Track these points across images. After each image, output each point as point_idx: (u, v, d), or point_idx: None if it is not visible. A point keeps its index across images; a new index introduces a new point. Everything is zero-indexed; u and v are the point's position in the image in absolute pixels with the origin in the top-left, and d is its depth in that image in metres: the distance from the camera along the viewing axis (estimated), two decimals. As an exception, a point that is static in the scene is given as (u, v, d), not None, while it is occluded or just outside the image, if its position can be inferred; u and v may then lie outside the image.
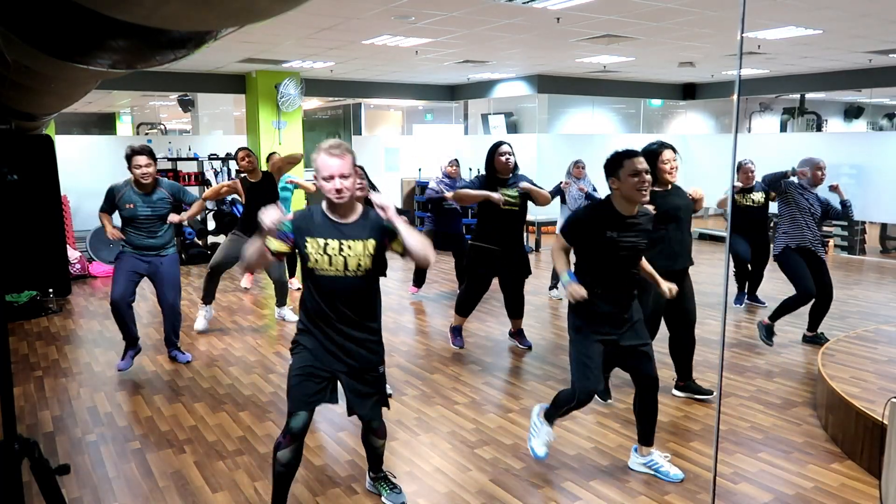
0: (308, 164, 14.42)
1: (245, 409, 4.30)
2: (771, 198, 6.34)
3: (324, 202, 2.70)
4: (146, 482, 3.38)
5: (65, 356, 5.45)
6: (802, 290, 5.27)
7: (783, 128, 15.26)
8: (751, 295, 6.95)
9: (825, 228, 10.64)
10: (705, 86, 12.93)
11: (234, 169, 6.59)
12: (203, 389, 4.65)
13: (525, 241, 7.58)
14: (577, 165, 7.30)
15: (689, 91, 13.15)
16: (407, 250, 2.67)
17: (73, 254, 8.37)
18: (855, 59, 9.29)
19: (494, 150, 5.08)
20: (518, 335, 5.50)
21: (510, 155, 5.04)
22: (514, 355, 5.38)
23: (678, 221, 4.00)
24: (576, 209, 3.15)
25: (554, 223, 9.10)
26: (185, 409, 4.31)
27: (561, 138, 12.42)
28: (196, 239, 9.74)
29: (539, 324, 6.30)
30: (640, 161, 2.99)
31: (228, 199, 9.14)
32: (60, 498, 2.12)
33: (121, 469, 3.52)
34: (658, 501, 3.16)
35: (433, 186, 7.13)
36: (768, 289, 7.00)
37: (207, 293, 6.11)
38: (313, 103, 16.62)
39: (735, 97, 10.03)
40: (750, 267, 6.77)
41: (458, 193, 5.13)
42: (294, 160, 6.39)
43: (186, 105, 12.81)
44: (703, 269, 6.93)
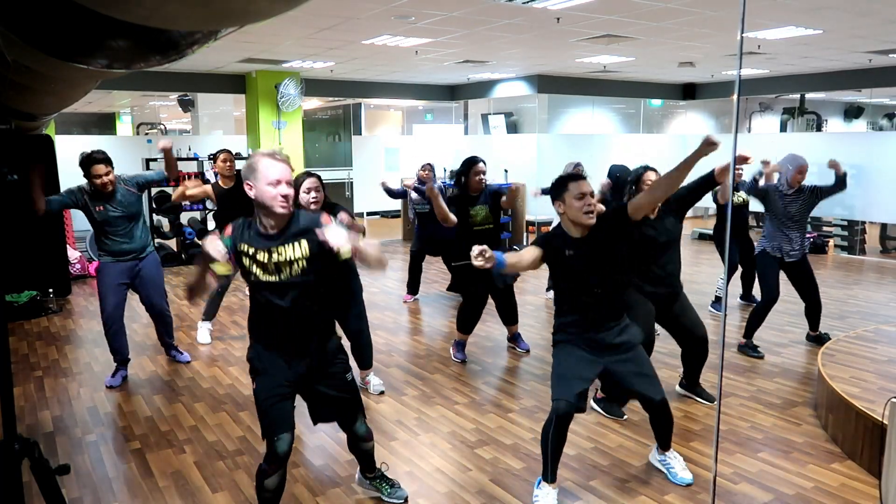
0: (308, 165, 14.36)
1: (245, 409, 4.30)
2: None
3: (256, 207, 2.54)
4: (146, 482, 3.38)
5: (65, 356, 5.45)
6: (765, 295, 5.29)
7: (783, 128, 15.26)
8: (746, 296, 6.92)
9: (825, 228, 10.65)
10: (705, 86, 12.93)
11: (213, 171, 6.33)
12: (203, 389, 4.65)
13: (505, 246, 7.54)
14: (575, 169, 7.18)
15: (689, 91, 13.15)
16: (363, 261, 2.57)
17: (73, 254, 8.37)
18: (855, 59, 9.29)
19: (470, 167, 4.97)
20: (515, 339, 5.48)
21: (484, 175, 4.98)
22: (514, 355, 5.38)
23: (669, 248, 3.98)
24: (545, 234, 3.12)
25: (550, 224, 9.10)
26: (185, 409, 4.31)
27: (561, 138, 12.42)
28: (196, 239, 9.74)
29: (538, 324, 6.30)
30: (585, 184, 2.96)
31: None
32: (60, 498, 2.12)
33: (121, 469, 3.52)
34: (658, 501, 3.16)
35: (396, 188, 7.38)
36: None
37: (210, 311, 5.78)
38: (313, 103, 16.62)
39: (735, 97, 10.02)
40: (740, 268, 6.77)
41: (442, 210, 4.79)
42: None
43: (186, 105, 12.81)
44: (704, 270, 6.93)
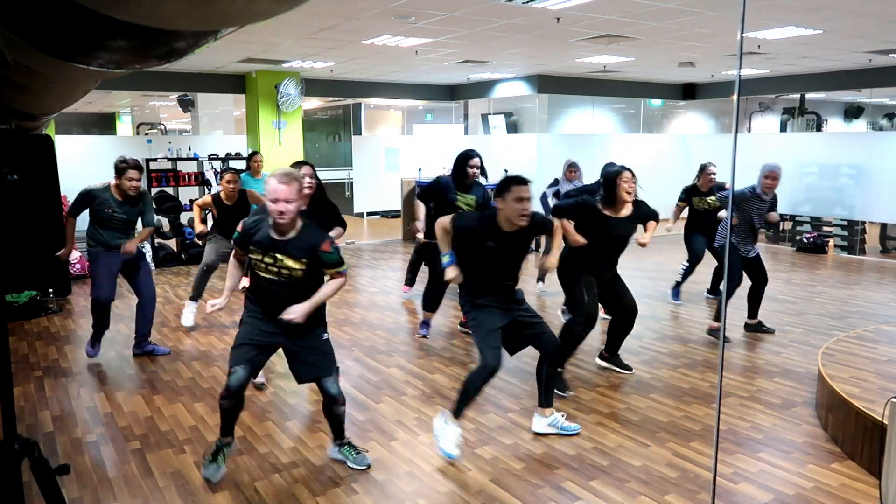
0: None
1: (245, 409, 4.29)
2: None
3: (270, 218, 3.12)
4: (146, 482, 3.38)
5: (65, 356, 5.45)
6: (732, 282, 5.80)
7: (783, 128, 15.27)
8: (714, 290, 7.09)
9: (825, 228, 10.65)
10: (705, 86, 12.93)
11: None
12: (203, 389, 4.65)
13: None
14: (571, 169, 7.16)
15: (689, 91, 13.15)
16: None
17: (74, 254, 8.37)
18: (855, 59, 9.29)
19: (466, 160, 5.36)
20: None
21: (478, 169, 5.40)
22: (514, 356, 5.37)
23: (625, 242, 4.57)
24: (470, 214, 3.63)
25: None
26: (185, 409, 4.31)
27: (561, 138, 12.42)
28: (196, 239, 9.73)
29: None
30: (525, 190, 3.36)
31: None
32: (60, 498, 2.12)
33: (121, 469, 3.52)
34: (658, 501, 3.16)
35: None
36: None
37: (197, 290, 6.18)
38: (313, 103, 16.63)
39: (735, 97, 10.02)
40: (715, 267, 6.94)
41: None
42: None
43: (186, 105, 12.81)
44: (700, 269, 6.95)
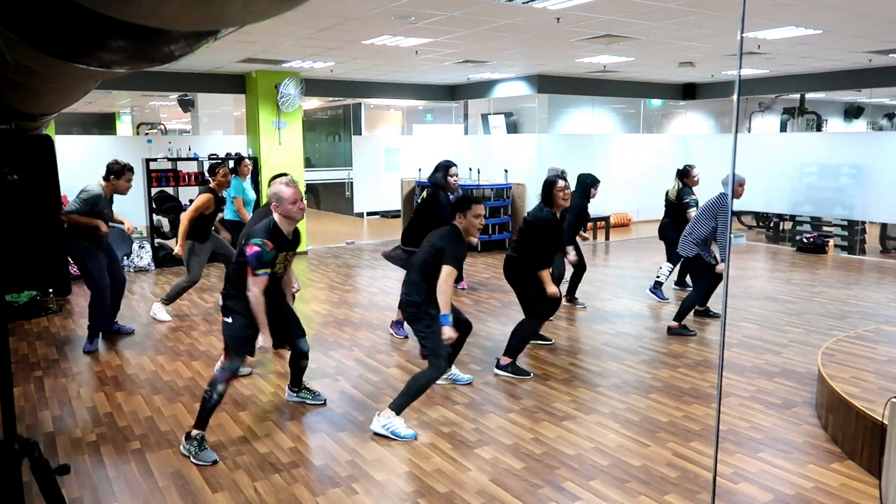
0: (307, 165, 14.34)
1: (245, 409, 4.30)
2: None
3: (279, 219, 3.67)
4: (146, 482, 3.38)
5: (65, 356, 5.45)
6: (701, 291, 6.05)
7: (783, 128, 15.26)
8: (681, 282, 7.63)
9: (825, 228, 10.65)
10: (705, 86, 12.93)
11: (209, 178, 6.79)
12: (203, 389, 4.64)
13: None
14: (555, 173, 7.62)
15: (689, 91, 13.15)
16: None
17: (73, 254, 8.36)
18: (855, 59, 9.29)
19: (448, 169, 5.90)
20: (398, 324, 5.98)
21: (457, 176, 5.99)
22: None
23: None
24: (450, 235, 4.05)
25: None
26: (185, 409, 4.31)
27: (561, 138, 12.42)
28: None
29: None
30: (481, 208, 4.07)
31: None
32: (60, 498, 2.12)
33: (121, 469, 3.52)
34: (658, 501, 3.16)
35: None
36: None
37: (173, 298, 6.52)
38: (313, 103, 16.62)
39: (735, 97, 10.03)
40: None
41: None
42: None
43: (186, 105, 12.81)
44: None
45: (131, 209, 8.85)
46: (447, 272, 3.88)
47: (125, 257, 8.97)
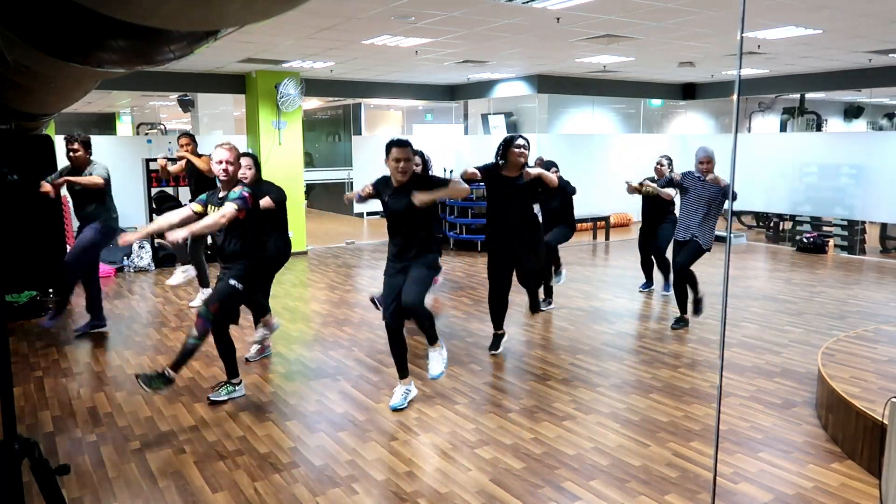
0: (308, 165, 14.34)
1: (245, 409, 4.30)
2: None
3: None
4: (146, 482, 3.38)
5: (65, 356, 5.45)
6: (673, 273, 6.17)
7: (783, 128, 15.25)
8: (650, 282, 7.70)
9: (825, 228, 10.65)
10: (705, 86, 12.92)
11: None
12: (203, 390, 4.64)
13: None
14: (537, 161, 7.86)
15: (689, 91, 13.14)
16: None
17: (73, 254, 8.35)
18: (855, 59, 9.29)
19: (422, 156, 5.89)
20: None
21: (418, 165, 6.06)
22: (514, 356, 5.38)
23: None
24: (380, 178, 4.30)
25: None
26: (186, 410, 4.31)
27: (561, 138, 12.42)
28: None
29: (539, 323, 6.30)
30: (402, 152, 4.07)
31: None
32: (60, 498, 2.12)
33: (121, 469, 3.52)
34: (658, 501, 3.16)
35: None
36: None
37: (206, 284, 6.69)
38: (313, 103, 16.62)
39: (735, 97, 10.03)
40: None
41: None
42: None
43: (186, 105, 12.80)
44: (704, 269, 6.95)
45: (131, 209, 8.86)
46: None
47: (125, 257, 8.97)
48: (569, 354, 5.39)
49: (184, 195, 9.61)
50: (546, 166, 6.43)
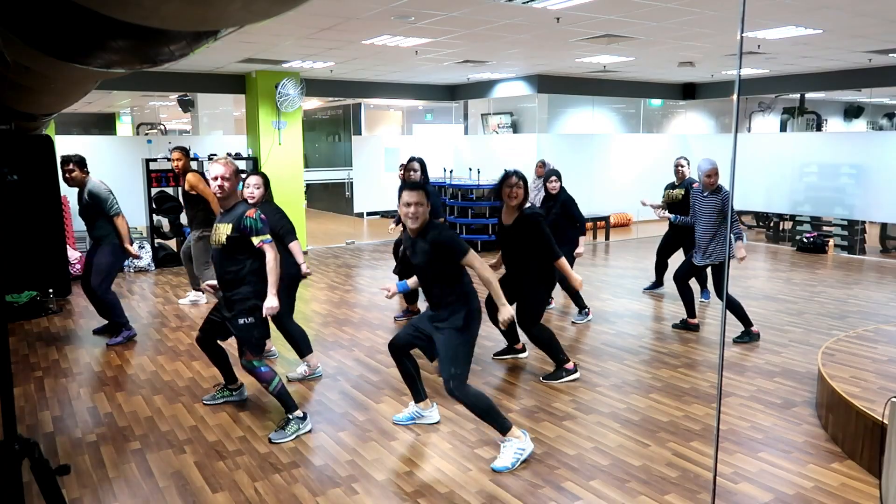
0: (307, 165, 14.34)
1: (245, 409, 4.30)
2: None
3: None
4: (146, 482, 3.38)
5: (65, 356, 5.45)
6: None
7: (783, 127, 15.25)
8: (659, 283, 7.64)
9: (825, 228, 10.65)
10: (705, 86, 12.92)
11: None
12: (203, 389, 4.65)
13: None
14: (538, 165, 8.20)
15: (689, 91, 13.14)
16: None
17: (73, 254, 8.36)
18: (855, 59, 9.29)
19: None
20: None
21: (415, 172, 5.95)
22: (514, 355, 5.38)
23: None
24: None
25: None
26: (185, 409, 4.31)
27: (561, 138, 12.42)
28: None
29: (539, 324, 6.30)
30: (412, 195, 3.70)
31: None
32: (60, 498, 2.12)
33: (121, 469, 3.52)
34: (658, 501, 3.16)
35: None
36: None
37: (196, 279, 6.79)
38: (313, 103, 16.62)
39: (735, 97, 10.01)
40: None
41: None
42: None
43: (186, 105, 12.80)
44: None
45: (132, 209, 8.85)
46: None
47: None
48: (569, 354, 5.39)
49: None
50: (547, 175, 6.30)
